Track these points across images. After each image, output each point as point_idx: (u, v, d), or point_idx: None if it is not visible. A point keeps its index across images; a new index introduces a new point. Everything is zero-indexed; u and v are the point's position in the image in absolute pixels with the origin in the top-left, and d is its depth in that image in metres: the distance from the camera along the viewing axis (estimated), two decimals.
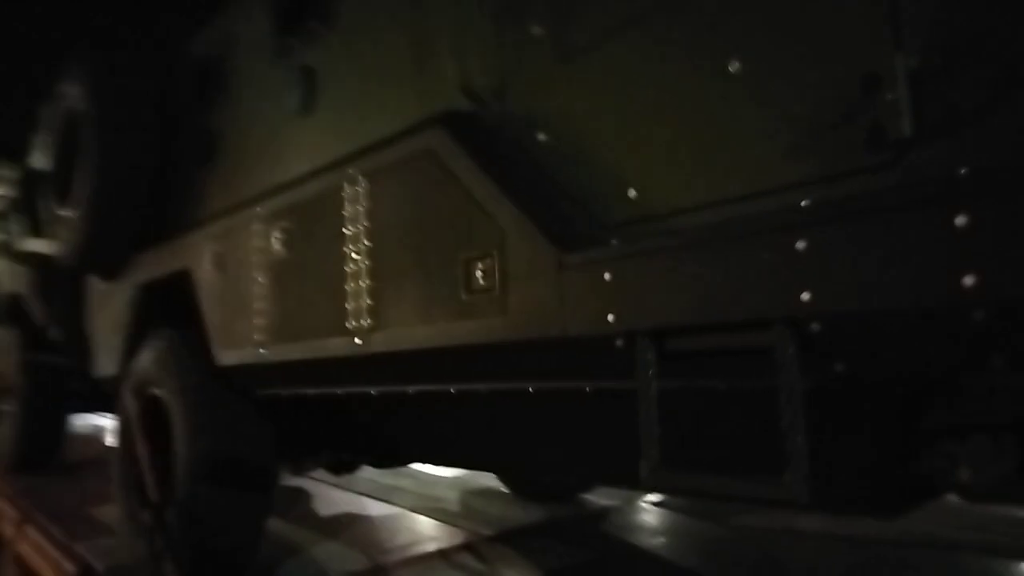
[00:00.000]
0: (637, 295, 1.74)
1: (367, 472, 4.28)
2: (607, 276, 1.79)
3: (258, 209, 3.11)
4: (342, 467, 4.07)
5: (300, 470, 4.11)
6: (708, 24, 1.78)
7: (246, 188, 3.38)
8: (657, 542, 4.17)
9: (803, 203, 1.52)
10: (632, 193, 1.93)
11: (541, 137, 2.16)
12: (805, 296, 1.44)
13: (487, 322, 2.09)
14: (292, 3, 3.28)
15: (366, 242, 2.54)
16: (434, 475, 5.86)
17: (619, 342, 1.81)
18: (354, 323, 2.56)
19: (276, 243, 3.00)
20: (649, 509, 4.83)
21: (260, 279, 3.08)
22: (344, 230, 2.63)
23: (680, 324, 1.66)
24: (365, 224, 2.55)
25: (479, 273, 2.11)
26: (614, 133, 1.99)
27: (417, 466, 5.28)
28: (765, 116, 1.67)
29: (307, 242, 2.83)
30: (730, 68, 1.73)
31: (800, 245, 1.45)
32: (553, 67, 2.16)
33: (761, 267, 1.51)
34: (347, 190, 2.63)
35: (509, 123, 2.26)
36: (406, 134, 2.46)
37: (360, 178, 2.58)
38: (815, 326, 1.47)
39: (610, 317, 1.78)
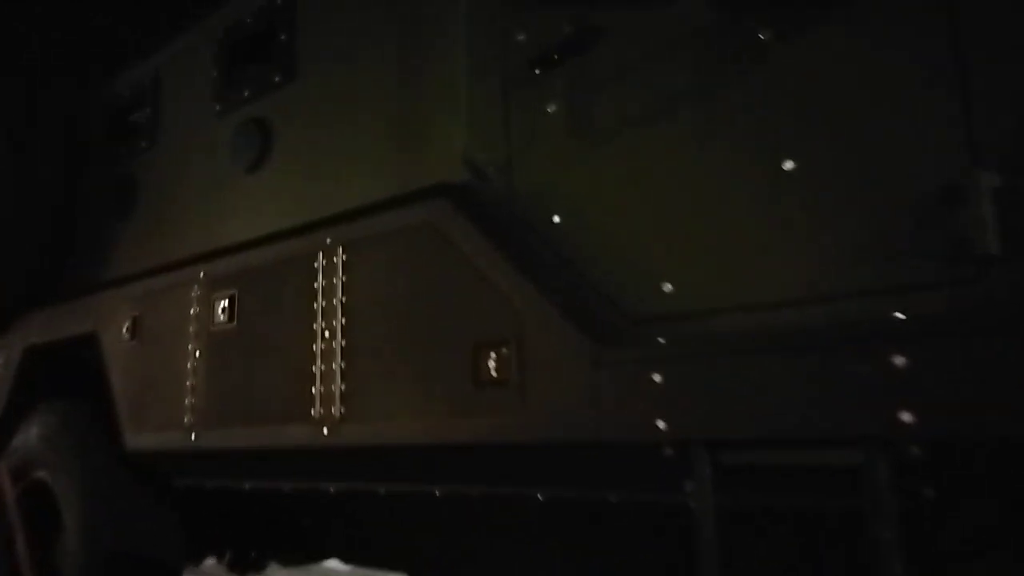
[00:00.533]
0: (695, 401, 1.59)
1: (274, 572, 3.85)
2: (657, 378, 1.63)
3: (201, 273, 2.76)
4: (248, 566, 3.62)
5: (196, 569, 3.64)
6: (760, 119, 1.71)
7: (178, 247, 3.02)
8: None
9: (898, 315, 1.44)
10: (668, 287, 1.80)
11: (557, 219, 2.01)
12: (906, 417, 1.34)
13: (500, 420, 1.87)
14: (244, 46, 3.02)
15: (342, 319, 2.27)
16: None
17: (667, 451, 1.65)
18: (322, 411, 2.26)
19: (220, 312, 2.65)
20: None
21: (196, 352, 2.71)
22: (315, 304, 2.35)
23: (746, 436, 1.52)
24: (342, 299, 2.28)
25: (492, 363, 1.90)
26: (645, 221, 1.87)
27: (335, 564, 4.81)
28: (824, 218, 1.60)
29: (264, 314, 2.51)
30: (783, 166, 1.66)
31: (900, 361, 1.36)
32: (571, 146, 2.03)
33: (852, 381, 1.40)
34: (321, 260, 2.36)
35: (516, 201, 2.10)
36: (397, 203, 2.24)
37: (338, 248, 2.32)
38: (914, 449, 1.37)
39: (660, 423, 1.62)
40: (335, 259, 2.32)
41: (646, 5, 1.92)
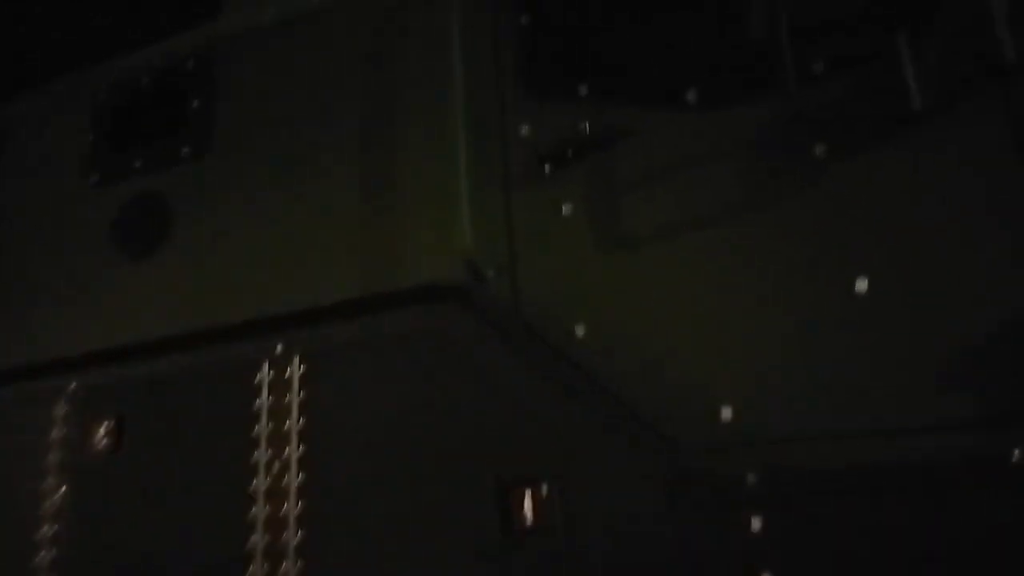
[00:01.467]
0: (805, 552, 1.39)
1: None
2: (757, 525, 1.42)
3: (71, 385, 2.13)
4: None
5: None
6: (819, 233, 1.62)
7: (34, 348, 2.34)
8: None
9: None
10: (727, 413, 1.62)
11: (581, 332, 1.77)
12: None
13: None
14: (135, 109, 2.52)
15: (299, 448, 1.81)
16: None
17: None
18: None
19: (99, 439, 2.05)
20: None
21: (59, 491, 2.06)
22: (255, 429, 1.87)
23: None
24: (298, 422, 1.84)
25: (527, 506, 1.58)
26: (689, 338, 1.69)
27: None
28: (904, 345, 1.52)
29: (167, 444, 1.96)
30: (856, 287, 1.57)
31: None
32: (594, 251, 1.83)
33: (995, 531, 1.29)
34: (267, 372, 1.90)
35: (524, 307, 1.84)
36: (378, 305, 1.88)
37: (294, 357, 1.89)
38: None
39: None
40: (288, 371, 1.88)
41: (679, 107, 1.81)
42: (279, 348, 1.90)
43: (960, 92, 1.54)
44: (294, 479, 1.79)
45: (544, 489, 1.57)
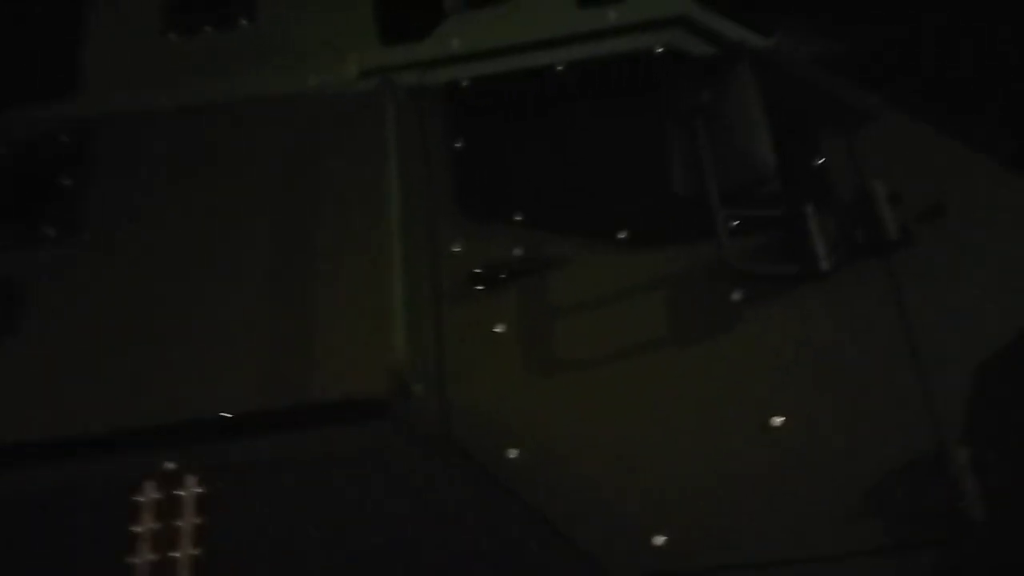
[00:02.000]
0: None
1: None
2: None
3: None
4: None
5: None
6: (743, 371, 1.77)
7: None
8: None
9: None
10: (659, 541, 1.65)
11: (513, 454, 1.75)
12: None
13: None
14: None
15: None
16: None
17: None
18: None
19: None
20: None
21: None
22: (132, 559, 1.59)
23: None
24: (191, 552, 1.59)
25: None
26: (621, 464, 1.73)
27: None
28: (810, 476, 1.67)
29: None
30: (772, 423, 1.72)
31: None
32: (527, 373, 1.84)
33: None
34: (150, 496, 1.65)
35: (453, 425, 1.79)
36: (296, 420, 1.73)
37: (187, 478, 1.66)
38: None
39: None
40: (181, 494, 1.65)
41: (611, 243, 1.93)
42: (168, 465, 1.67)
43: (855, 257, 1.81)
44: None
45: None
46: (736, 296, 1.83)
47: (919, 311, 1.77)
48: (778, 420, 1.71)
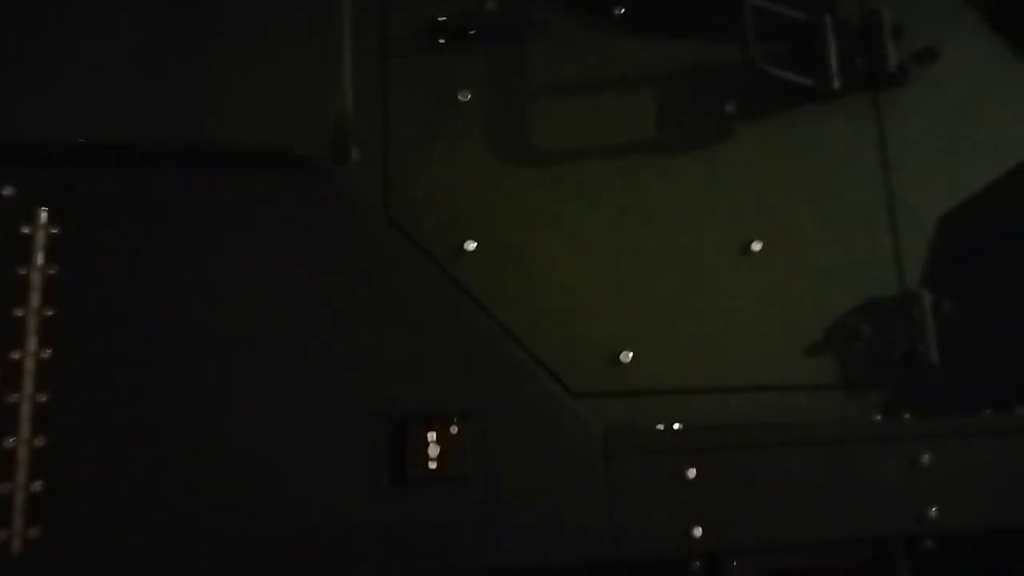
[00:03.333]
0: (733, 502, 1.32)
1: None
2: (691, 473, 1.31)
3: None
4: None
5: None
6: (728, 189, 1.61)
7: None
8: None
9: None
10: (626, 357, 1.49)
11: (471, 246, 1.47)
12: (932, 512, 1.38)
13: (447, 538, 1.21)
14: None
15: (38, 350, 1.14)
16: None
17: (696, 564, 1.33)
18: None
19: None
20: None
21: None
22: None
23: (784, 540, 1.34)
24: (38, 312, 1.16)
25: (430, 448, 1.22)
26: (589, 273, 1.53)
27: None
28: (784, 308, 1.59)
29: None
30: (752, 247, 1.60)
31: (926, 459, 1.41)
32: (492, 152, 1.54)
33: (884, 479, 1.39)
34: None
35: (393, 200, 1.47)
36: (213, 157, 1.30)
37: (37, 208, 1.19)
38: (929, 543, 1.42)
39: (696, 531, 1.29)
40: (27, 229, 1.18)
41: (602, 20, 1.63)
42: (8, 190, 1.20)
43: (852, 84, 1.68)
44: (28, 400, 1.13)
45: (453, 430, 1.24)
46: (730, 108, 1.64)
47: (899, 155, 1.70)
48: (757, 245, 1.59)
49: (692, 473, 1.31)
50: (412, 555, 1.20)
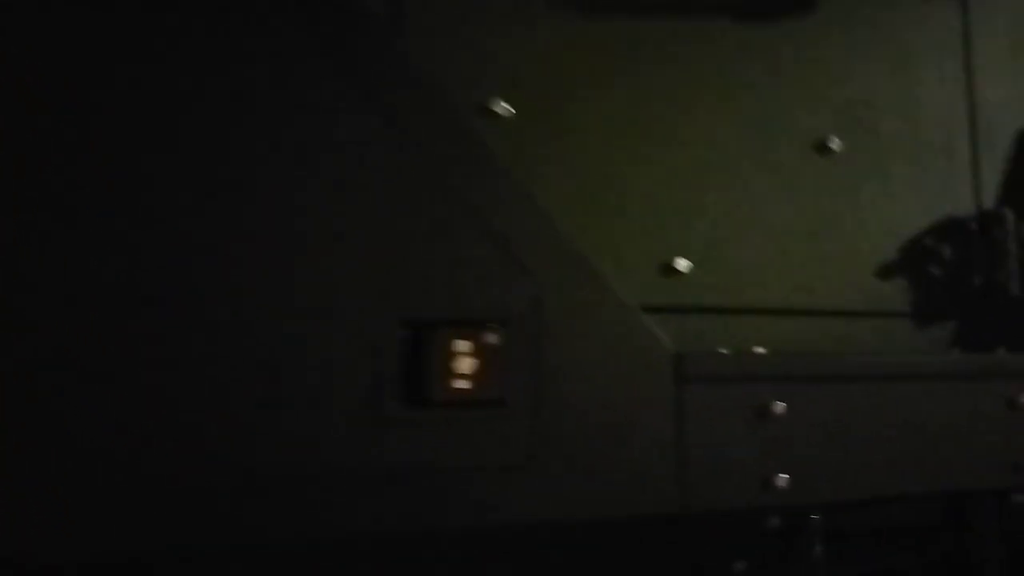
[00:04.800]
0: (830, 445, 1.06)
1: None
2: (778, 408, 1.03)
3: None
4: None
5: None
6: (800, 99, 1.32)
7: None
8: None
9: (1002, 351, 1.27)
10: (683, 264, 1.20)
11: (499, 107, 1.13)
12: None
13: (493, 478, 0.89)
14: None
15: None
16: None
17: (775, 521, 1.06)
18: None
19: None
20: None
21: None
22: None
23: (884, 493, 1.09)
24: None
25: (462, 361, 0.89)
26: (643, 156, 1.22)
27: None
28: (848, 226, 1.34)
29: None
30: (830, 143, 1.32)
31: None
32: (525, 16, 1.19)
33: (981, 422, 1.16)
34: None
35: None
36: None
37: None
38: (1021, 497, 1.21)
39: (782, 479, 1.02)
40: None
41: None
42: None
43: None
44: None
45: (493, 337, 0.91)
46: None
47: (983, 63, 1.46)
48: (835, 144, 1.31)
49: (780, 407, 1.03)
50: (429, 506, 0.88)
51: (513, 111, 1.13)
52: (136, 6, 0.83)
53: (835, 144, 1.32)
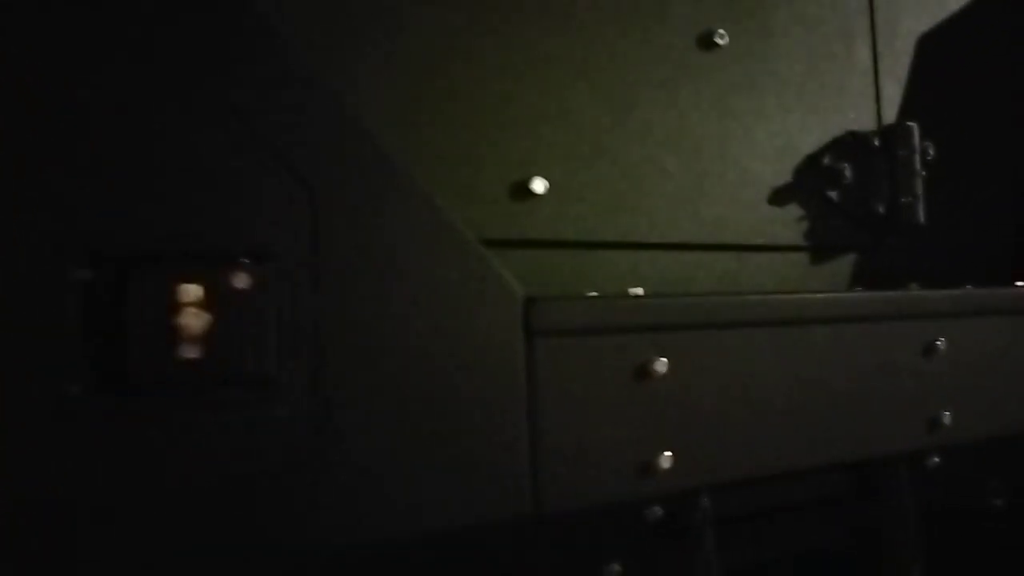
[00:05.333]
0: (708, 417, 0.81)
1: None
2: (661, 367, 0.77)
3: None
4: None
5: None
6: None
7: None
8: None
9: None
10: (539, 187, 0.92)
11: None
12: (945, 418, 0.98)
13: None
14: None
15: None
16: None
17: (657, 511, 0.81)
18: None
19: None
20: None
21: None
22: None
23: (786, 467, 0.86)
24: None
25: (189, 317, 0.57)
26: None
27: None
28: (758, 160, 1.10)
29: None
30: (717, 38, 1.07)
31: (941, 346, 0.98)
32: None
33: (896, 375, 0.95)
34: None
35: None
36: None
37: None
38: (935, 459, 1.02)
39: (666, 458, 0.77)
40: None
41: None
42: None
43: None
44: None
45: (240, 279, 0.60)
46: None
47: None
48: (721, 39, 1.06)
49: (662, 366, 0.77)
50: (137, 538, 0.56)
51: None
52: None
53: (721, 39, 1.07)
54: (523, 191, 0.92)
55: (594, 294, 0.88)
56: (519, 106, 0.93)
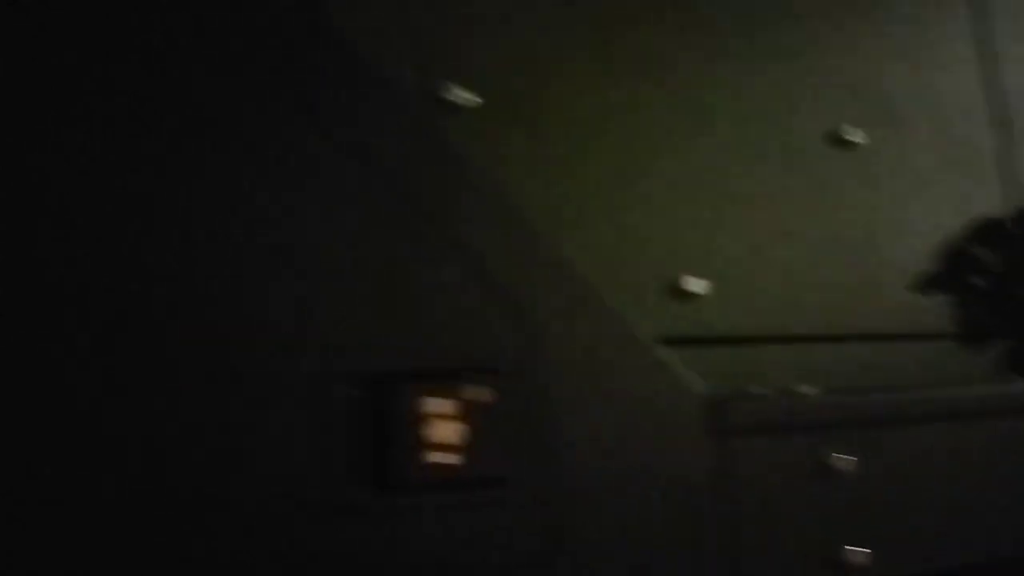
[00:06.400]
0: (911, 507, 0.83)
1: None
2: (841, 463, 0.80)
3: None
4: None
5: None
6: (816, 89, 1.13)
7: None
8: None
9: None
10: (693, 286, 0.98)
11: (467, 101, 0.90)
12: None
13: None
14: None
15: None
16: None
17: None
18: None
19: None
20: None
21: None
22: None
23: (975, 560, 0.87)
24: None
25: (441, 427, 0.65)
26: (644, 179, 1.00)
27: None
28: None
29: None
30: (843, 134, 1.13)
31: None
32: None
33: None
34: None
35: None
36: None
37: None
38: None
39: (856, 556, 0.79)
40: None
41: None
42: None
43: None
44: None
45: (482, 394, 0.67)
46: None
47: (1004, 52, 1.30)
48: (855, 136, 1.12)
49: (844, 463, 0.81)
50: None
51: (479, 100, 0.89)
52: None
53: (856, 136, 1.12)
54: (680, 292, 0.98)
55: (764, 391, 0.92)
56: (672, 207, 0.99)
